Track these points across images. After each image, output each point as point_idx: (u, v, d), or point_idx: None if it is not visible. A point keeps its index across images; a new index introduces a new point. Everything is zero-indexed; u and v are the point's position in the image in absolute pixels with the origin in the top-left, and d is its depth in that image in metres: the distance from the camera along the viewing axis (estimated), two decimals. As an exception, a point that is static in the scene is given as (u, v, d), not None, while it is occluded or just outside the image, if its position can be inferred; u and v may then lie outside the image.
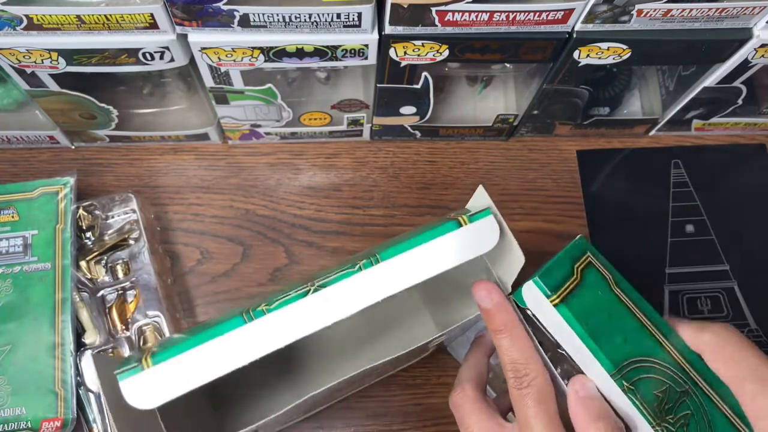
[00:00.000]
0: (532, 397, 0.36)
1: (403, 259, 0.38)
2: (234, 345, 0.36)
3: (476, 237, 0.39)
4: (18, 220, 0.52)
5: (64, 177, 0.53)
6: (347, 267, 0.38)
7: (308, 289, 0.37)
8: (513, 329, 0.38)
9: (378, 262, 0.38)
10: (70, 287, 0.50)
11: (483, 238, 0.39)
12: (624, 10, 0.43)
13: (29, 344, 0.49)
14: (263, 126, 0.57)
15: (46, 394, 0.48)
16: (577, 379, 0.37)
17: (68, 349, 0.49)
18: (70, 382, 0.48)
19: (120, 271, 0.54)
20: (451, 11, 0.42)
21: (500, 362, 0.39)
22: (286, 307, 0.36)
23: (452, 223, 0.39)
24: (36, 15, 0.41)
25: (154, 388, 0.35)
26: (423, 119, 0.57)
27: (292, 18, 0.42)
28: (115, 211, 0.55)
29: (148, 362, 0.35)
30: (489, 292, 0.39)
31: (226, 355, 0.35)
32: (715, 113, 0.60)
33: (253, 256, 0.58)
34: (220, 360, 0.35)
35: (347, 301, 0.37)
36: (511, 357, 0.38)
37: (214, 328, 0.36)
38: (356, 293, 0.37)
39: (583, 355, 0.37)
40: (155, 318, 0.52)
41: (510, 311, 0.39)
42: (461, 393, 0.41)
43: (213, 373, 0.35)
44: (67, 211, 0.52)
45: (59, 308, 0.50)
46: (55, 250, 0.51)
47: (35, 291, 0.50)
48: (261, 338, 0.36)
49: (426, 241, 0.38)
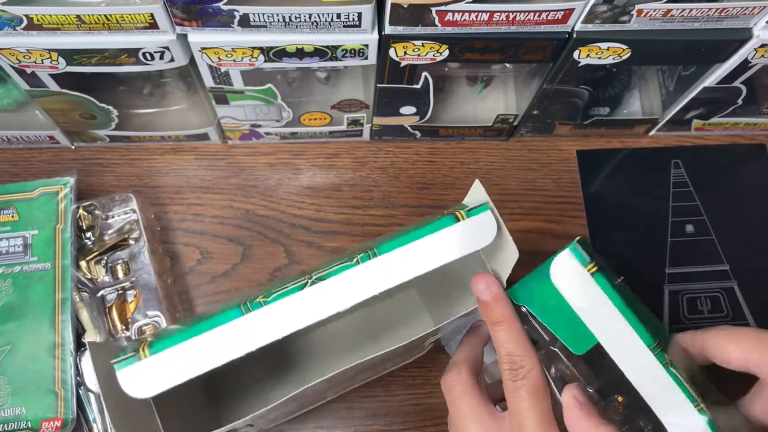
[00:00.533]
0: (526, 390, 0.36)
1: (400, 253, 0.38)
2: (231, 336, 0.36)
3: (474, 232, 0.39)
4: (18, 220, 0.52)
5: (64, 177, 0.53)
6: (345, 260, 0.38)
7: (306, 281, 0.37)
8: (510, 322, 0.38)
9: (376, 255, 0.38)
10: (70, 287, 0.50)
11: (480, 233, 0.39)
12: (624, 10, 0.43)
13: (29, 344, 0.49)
14: (263, 126, 0.57)
15: (46, 394, 0.48)
16: (572, 387, 0.37)
17: (68, 349, 0.49)
18: (70, 382, 0.48)
19: (120, 271, 0.54)
20: (451, 11, 0.42)
21: (496, 354, 0.39)
22: (284, 299, 0.36)
23: (450, 218, 0.39)
24: (36, 15, 0.41)
25: (151, 378, 0.35)
26: (423, 119, 0.57)
27: (292, 18, 0.42)
28: (115, 211, 0.55)
29: (145, 352, 0.35)
30: (488, 285, 0.39)
31: (223, 346, 0.36)
32: (715, 113, 0.60)
33: (253, 256, 0.58)
34: (217, 351, 0.35)
35: (344, 293, 0.37)
36: (507, 349, 0.38)
37: (212, 319, 0.36)
38: (354, 286, 0.37)
39: (620, 327, 0.36)
40: (155, 318, 0.52)
41: (508, 304, 0.39)
42: (456, 375, 0.41)
43: (209, 363, 0.35)
44: (67, 211, 0.52)
45: (59, 308, 0.50)
46: (55, 250, 0.51)
47: (35, 291, 0.50)
48: (258, 330, 0.36)
49: (424, 236, 0.38)
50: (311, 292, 0.37)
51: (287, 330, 0.36)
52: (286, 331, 0.36)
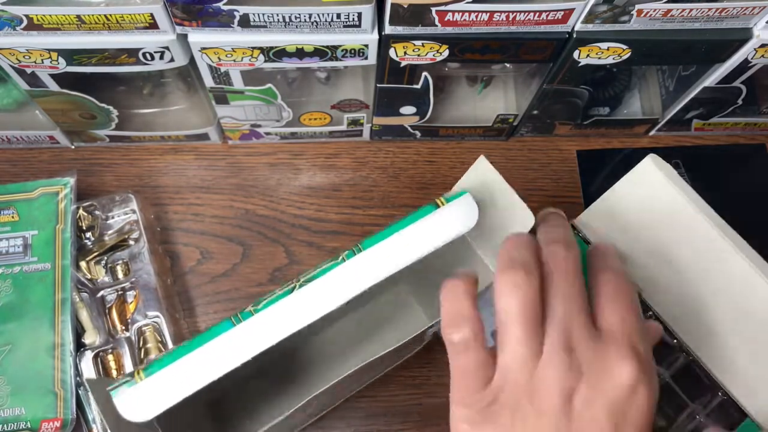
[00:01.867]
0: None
1: (383, 246, 0.38)
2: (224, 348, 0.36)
3: (456, 217, 0.39)
4: (18, 220, 0.52)
5: (64, 177, 0.53)
6: (331, 260, 0.38)
7: (293, 285, 0.37)
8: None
9: (360, 251, 0.38)
10: (70, 287, 0.50)
11: (461, 218, 0.39)
12: (624, 10, 0.43)
13: (29, 344, 0.49)
14: (263, 126, 0.57)
15: (45, 394, 0.48)
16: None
17: (68, 349, 0.49)
18: (70, 382, 0.48)
19: (120, 272, 0.54)
20: (451, 11, 0.42)
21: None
22: (273, 306, 0.37)
23: (430, 206, 0.39)
24: (36, 15, 0.41)
25: (148, 400, 0.34)
26: (423, 119, 0.57)
27: (292, 18, 0.42)
28: (115, 211, 0.55)
29: (140, 375, 0.35)
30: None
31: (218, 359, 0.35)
32: (715, 113, 0.60)
33: (253, 256, 0.58)
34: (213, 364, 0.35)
35: (333, 292, 0.37)
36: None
37: (204, 335, 0.36)
38: (341, 284, 0.37)
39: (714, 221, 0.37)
40: (155, 318, 0.52)
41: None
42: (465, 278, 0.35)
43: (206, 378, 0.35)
44: (67, 211, 0.52)
45: (59, 308, 0.50)
46: (55, 251, 0.51)
47: (35, 291, 0.50)
48: (250, 338, 0.36)
49: (406, 226, 0.38)
50: (300, 295, 0.37)
51: (280, 335, 0.36)
52: (279, 337, 0.36)
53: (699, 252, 0.38)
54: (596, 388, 0.31)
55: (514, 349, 0.32)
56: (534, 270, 0.33)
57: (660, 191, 0.39)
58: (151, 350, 0.52)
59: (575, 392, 0.31)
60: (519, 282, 0.33)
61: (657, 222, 0.39)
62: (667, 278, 0.40)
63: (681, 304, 0.40)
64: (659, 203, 0.39)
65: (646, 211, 0.40)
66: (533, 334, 0.32)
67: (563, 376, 0.31)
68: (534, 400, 0.32)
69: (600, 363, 0.32)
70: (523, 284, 0.33)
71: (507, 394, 0.32)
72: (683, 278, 0.39)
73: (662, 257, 0.40)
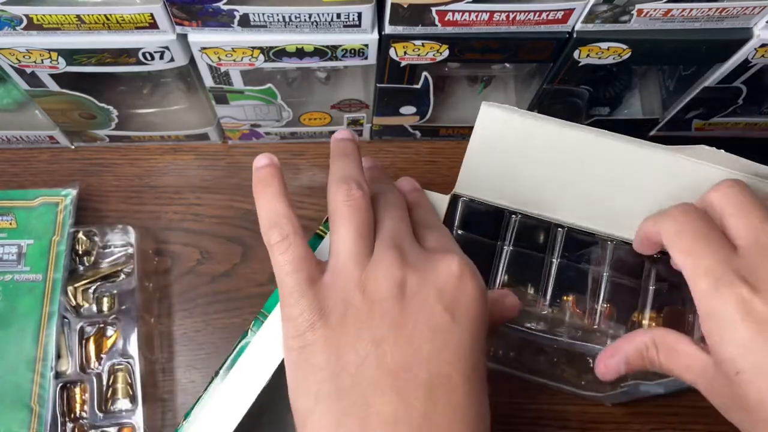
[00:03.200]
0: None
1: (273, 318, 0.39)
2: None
3: None
4: (15, 227, 0.51)
5: (66, 188, 0.53)
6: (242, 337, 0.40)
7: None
8: None
9: (266, 317, 0.39)
10: (59, 302, 0.49)
11: None
12: (624, 10, 0.43)
13: (11, 355, 0.48)
14: (263, 126, 0.57)
15: (20, 408, 0.46)
16: None
17: (49, 364, 0.48)
18: (47, 398, 0.47)
19: (105, 304, 0.52)
20: (451, 11, 0.42)
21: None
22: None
23: (314, 239, 0.42)
24: (36, 15, 0.41)
25: None
26: (423, 119, 0.57)
27: (292, 18, 0.42)
28: (113, 241, 0.53)
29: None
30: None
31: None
32: (715, 113, 0.59)
33: (253, 256, 0.58)
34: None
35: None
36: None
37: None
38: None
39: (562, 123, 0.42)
40: (129, 360, 0.51)
41: None
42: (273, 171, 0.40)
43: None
44: (65, 223, 0.51)
45: (45, 322, 0.49)
46: (48, 263, 0.50)
47: (23, 302, 0.49)
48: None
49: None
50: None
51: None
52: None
53: (565, 153, 0.42)
54: (425, 277, 0.34)
55: (347, 247, 0.35)
56: (364, 185, 0.37)
57: (509, 125, 0.41)
58: (118, 391, 0.50)
59: (406, 282, 0.34)
60: (353, 193, 0.36)
61: (524, 151, 0.42)
62: (558, 192, 0.43)
63: (584, 204, 0.43)
64: (514, 134, 0.41)
65: (510, 151, 0.42)
66: (365, 235, 0.35)
67: (394, 268, 0.34)
68: (366, 291, 0.33)
69: (427, 262, 0.35)
70: (356, 193, 0.36)
71: (338, 290, 0.34)
72: (569, 182, 0.43)
73: (545, 178, 0.43)
